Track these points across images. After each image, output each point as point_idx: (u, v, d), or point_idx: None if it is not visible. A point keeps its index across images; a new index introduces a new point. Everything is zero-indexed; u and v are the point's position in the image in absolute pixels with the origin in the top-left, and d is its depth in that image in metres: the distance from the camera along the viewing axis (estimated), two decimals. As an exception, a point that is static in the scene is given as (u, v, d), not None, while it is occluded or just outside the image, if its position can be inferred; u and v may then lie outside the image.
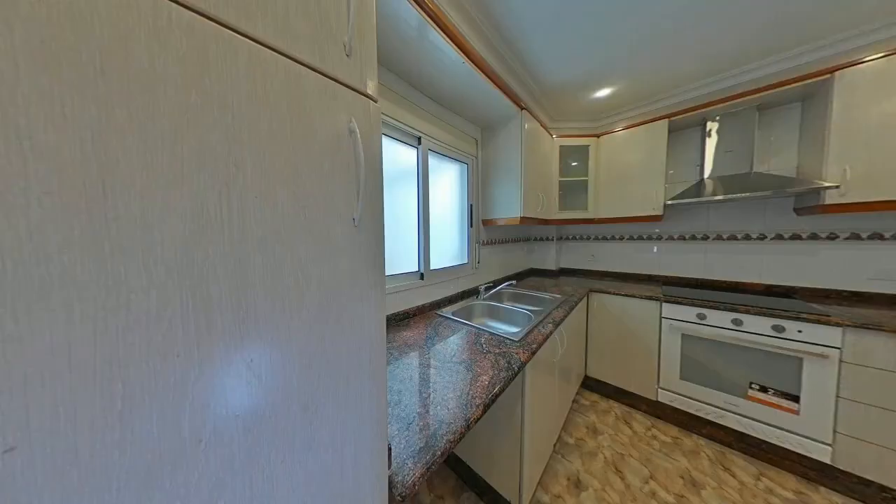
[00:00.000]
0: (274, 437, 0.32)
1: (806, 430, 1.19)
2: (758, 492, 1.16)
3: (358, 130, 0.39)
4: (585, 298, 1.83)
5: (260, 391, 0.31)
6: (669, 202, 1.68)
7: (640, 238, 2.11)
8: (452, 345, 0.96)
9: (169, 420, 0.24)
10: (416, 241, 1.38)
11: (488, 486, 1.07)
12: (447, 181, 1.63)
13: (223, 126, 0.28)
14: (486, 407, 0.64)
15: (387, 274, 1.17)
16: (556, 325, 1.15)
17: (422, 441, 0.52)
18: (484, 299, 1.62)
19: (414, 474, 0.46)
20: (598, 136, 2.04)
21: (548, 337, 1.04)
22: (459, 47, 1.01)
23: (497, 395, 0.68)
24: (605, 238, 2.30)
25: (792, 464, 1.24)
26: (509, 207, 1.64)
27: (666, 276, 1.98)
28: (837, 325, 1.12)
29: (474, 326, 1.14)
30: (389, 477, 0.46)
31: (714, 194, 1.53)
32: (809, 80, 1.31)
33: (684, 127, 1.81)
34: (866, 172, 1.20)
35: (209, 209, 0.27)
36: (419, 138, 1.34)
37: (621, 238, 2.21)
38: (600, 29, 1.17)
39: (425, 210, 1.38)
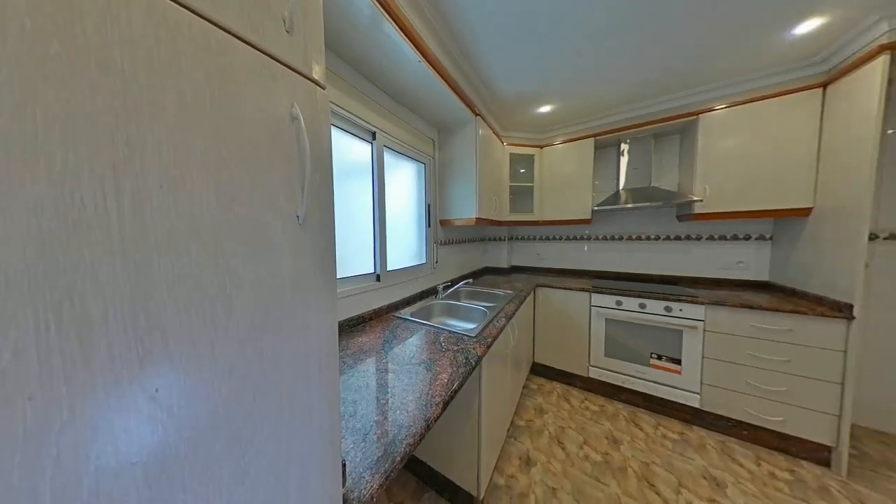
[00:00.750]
0: (192, 480, 0.26)
1: (685, 384, 1.56)
2: (657, 438, 1.47)
3: (302, 118, 0.35)
4: (533, 293, 2.03)
5: (170, 427, 0.25)
6: (596, 208, 2.01)
7: (575, 238, 2.44)
8: (411, 346, 0.95)
9: (17, 489, 0.18)
10: (372, 241, 1.32)
11: (448, 481, 1.09)
12: (404, 180, 1.60)
13: (107, 91, 0.21)
14: (446, 404, 0.65)
15: (339, 276, 1.10)
16: (509, 318, 1.25)
17: (380, 450, 0.50)
18: (442, 298, 1.64)
19: (372, 486, 0.44)
20: (541, 147, 2.29)
21: (501, 330, 1.11)
22: (415, 44, 1.00)
23: (456, 391, 0.70)
24: (548, 238, 2.58)
25: (677, 412, 1.61)
26: (465, 208, 1.71)
27: (595, 271, 2.34)
28: (702, 303, 1.50)
29: (433, 326, 1.14)
30: (344, 495, 0.42)
31: (626, 203, 1.88)
32: (684, 119, 1.73)
33: (606, 146, 2.17)
34: (718, 190, 1.63)
35: (83, 198, 0.20)
36: (374, 133, 1.28)
37: (561, 238, 2.51)
38: (542, 52, 1.31)
39: (381, 209, 1.32)
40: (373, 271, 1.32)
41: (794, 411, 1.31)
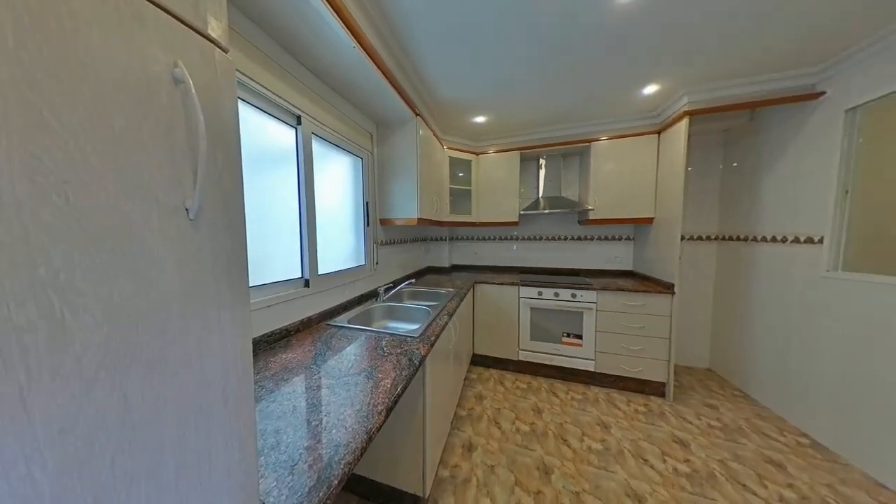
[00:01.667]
0: None
1: (585, 354, 1.98)
2: (568, 400, 1.81)
3: (191, 82, 0.27)
4: (472, 289, 2.17)
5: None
6: (522, 212, 2.34)
7: (506, 239, 2.74)
8: (349, 356, 0.87)
9: None
10: (299, 241, 1.14)
11: (393, 490, 1.05)
12: (339, 174, 1.45)
13: None
14: (390, 410, 0.62)
15: (254, 284, 0.91)
16: (451, 315, 1.30)
17: (312, 478, 0.44)
18: (384, 301, 1.57)
19: (302, 524, 0.38)
20: (477, 154, 2.47)
21: (444, 328, 1.15)
22: (347, 25, 0.92)
23: (400, 395, 0.68)
24: (484, 238, 2.81)
25: (580, 377, 2.02)
26: (407, 208, 1.68)
27: (521, 267, 2.69)
28: (594, 289, 1.93)
29: (374, 331, 1.08)
30: (264, 546, 0.35)
31: (544, 209, 2.24)
32: (581, 144, 2.18)
33: (529, 159, 2.52)
34: (603, 202, 2.13)
35: None
36: (299, 117, 1.11)
37: (494, 238, 2.78)
38: (475, 64, 1.41)
39: (310, 204, 1.16)
40: (300, 276, 1.15)
41: (646, 362, 1.84)
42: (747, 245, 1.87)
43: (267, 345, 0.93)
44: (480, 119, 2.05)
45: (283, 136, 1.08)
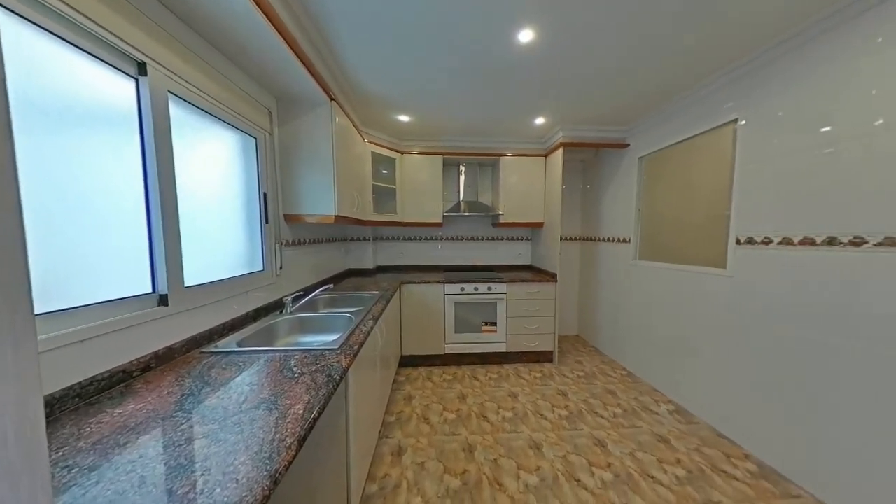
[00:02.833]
0: None
1: (498, 338, 2.30)
2: (486, 382, 2.06)
3: None
4: (398, 290, 2.13)
5: None
6: (445, 214, 2.49)
7: (432, 239, 2.84)
8: (241, 388, 0.69)
9: None
10: (147, 241, 0.81)
11: (309, 530, 0.91)
12: (221, 155, 1.11)
13: None
14: (303, 440, 0.53)
15: (53, 309, 0.58)
16: (376, 319, 1.23)
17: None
18: (293, 312, 1.32)
19: None
20: (401, 152, 2.44)
21: (369, 334, 1.08)
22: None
23: (316, 419, 0.59)
24: (410, 238, 2.81)
25: (496, 359, 2.34)
26: (322, 204, 1.48)
27: (446, 265, 2.85)
28: (505, 282, 2.28)
29: (279, 350, 0.90)
30: None
31: (464, 211, 2.46)
32: (493, 157, 2.52)
33: (451, 164, 2.70)
34: (509, 208, 2.53)
35: None
36: (142, 65, 0.78)
37: (420, 238, 2.83)
38: (398, 60, 1.40)
39: (166, 189, 0.84)
40: (151, 290, 0.81)
41: (540, 337, 2.32)
42: (595, 243, 2.66)
43: (84, 399, 0.61)
44: (405, 118, 2.04)
45: (113, 89, 0.73)
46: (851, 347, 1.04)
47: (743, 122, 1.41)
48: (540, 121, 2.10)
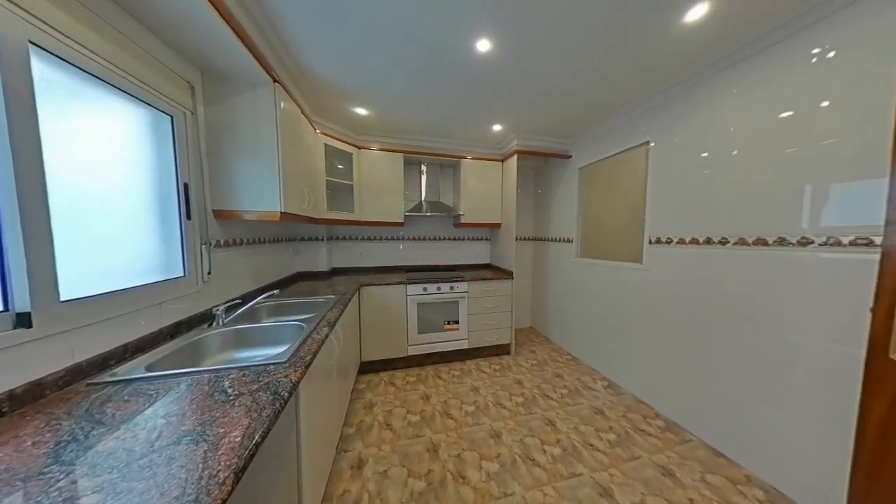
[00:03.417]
0: None
1: (461, 336, 2.36)
2: (450, 379, 2.09)
3: None
4: (357, 293, 2.01)
5: None
6: (407, 213, 2.45)
7: (393, 239, 2.75)
8: (151, 422, 0.56)
9: None
10: (-8, 241, 0.59)
11: (252, 573, 0.79)
12: (121, 133, 0.88)
13: None
14: (242, 470, 0.46)
15: None
16: (332, 326, 1.14)
17: None
18: (227, 324, 1.13)
19: None
20: (359, 147, 2.31)
21: (323, 342, 0.99)
22: None
23: (259, 444, 0.52)
24: (370, 238, 2.68)
25: (459, 356, 2.40)
26: (265, 199, 1.30)
27: (408, 266, 2.80)
28: (466, 281, 2.35)
29: (207, 371, 0.76)
30: None
31: (426, 211, 2.45)
32: (454, 159, 2.57)
33: (412, 163, 2.66)
34: (470, 209, 2.62)
35: None
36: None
37: (381, 238, 2.72)
38: (355, 49, 1.32)
39: (24, 172, 0.63)
40: (3, 308, 0.60)
41: (499, 332, 2.46)
42: (545, 243, 2.94)
43: None
44: (363, 111, 1.93)
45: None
46: (719, 320, 1.37)
47: (653, 144, 1.74)
48: (497, 128, 2.23)
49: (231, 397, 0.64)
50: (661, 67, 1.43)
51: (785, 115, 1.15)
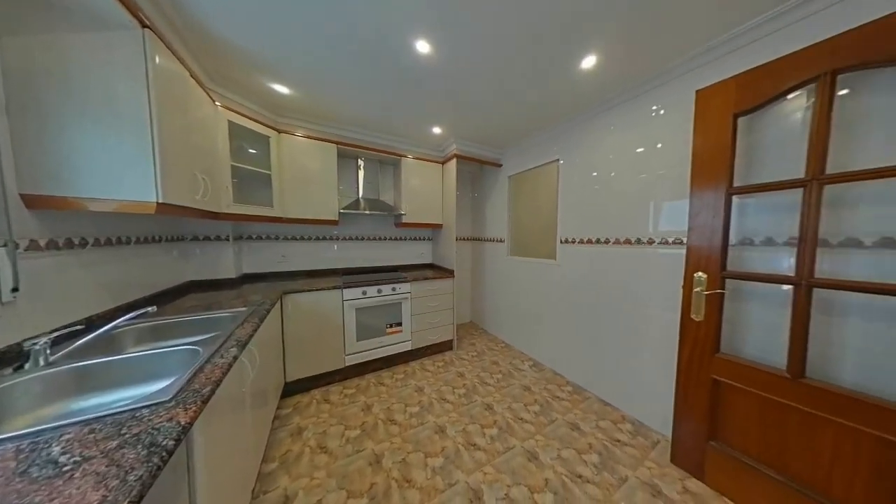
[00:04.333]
0: None
1: (404, 337, 2.31)
2: (393, 384, 2.02)
3: None
4: (279, 302, 1.71)
5: None
6: (342, 211, 2.23)
7: (325, 238, 2.46)
8: None
9: None
10: None
11: None
12: None
13: None
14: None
15: None
16: (243, 345, 0.93)
17: None
18: (52, 363, 0.77)
19: None
20: (279, 130, 1.97)
21: (230, 366, 0.80)
22: None
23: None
24: (295, 238, 2.32)
25: (402, 358, 2.34)
26: (128, 183, 0.95)
27: (345, 269, 2.56)
28: (409, 281, 2.31)
29: (10, 438, 0.50)
30: None
31: (365, 209, 2.29)
32: (394, 156, 2.49)
33: (348, 156, 2.44)
34: (411, 208, 2.59)
35: None
36: None
37: (309, 238, 2.39)
38: (273, 15, 1.12)
39: None
40: None
41: (442, 329, 2.53)
42: (482, 243, 3.19)
43: None
44: (282, 89, 1.65)
45: None
46: (607, 301, 1.80)
47: (562, 161, 2.12)
48: (437, 130, 2.28)
49: (66, 468, 0.44)
50: (568, 100, 1.76)
51: (639, 150, 1.59)
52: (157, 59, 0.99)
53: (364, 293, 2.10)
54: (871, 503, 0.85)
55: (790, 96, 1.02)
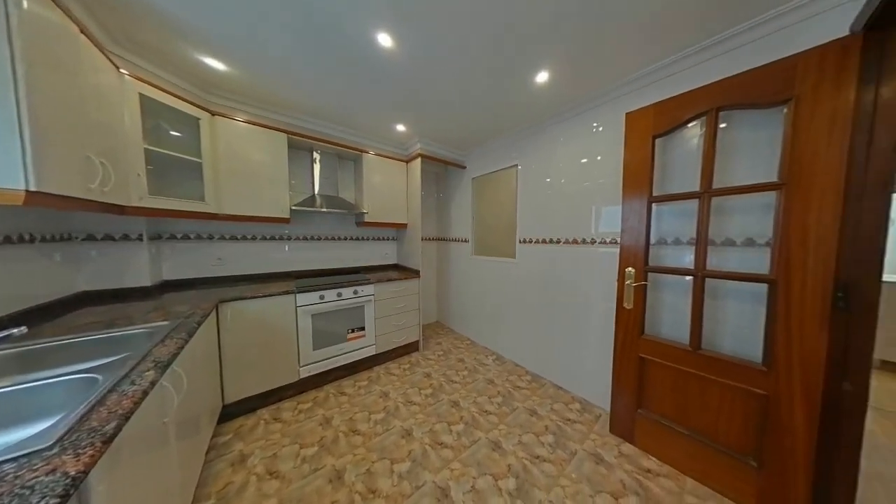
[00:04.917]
0: None
1: (367, 342, 2.20)
2: (356, 392, 1.91)
3: None
4: (214, 313, 1.47)
5: None
6: (294, 207, 2.02)
7: (274, 238, 2.20)
8: None
9: None
10: None
11: None
12: None
13: None
14: None
15: None
16: (165, 366, 0.78)
17: None
18: None
19: None
20: (212, 112, 1.69)
21: (146, 393, 0.66)
22: None
23: None
24: (234, 238, 2.02)
25: (365, 364, 2.23)
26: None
27: (298, 271, 2.32)
28: (372, 283, 2.21)
29: None
30: None
31: (321, 207, 2.11)
32: (355, 152, 2.36)
33: (301, 148, 2.22)
34: (374, 207, 2.48)
35: None
36: None
37: (254, 238, 2.11)
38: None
39: None
40: None
41: (407, 331, 2.48)
42: (447, 243, 3.23)
43: None
44: (216, 63, 1.42)
45: None
46: (558, 296, 1.99)
47: (520, 166, 2.27)
48: (401, 128, 2.22)
49: None
50: (525, 110, 1.89)
51: (583, 160, 1.80)
52: (26, 4, 0.76)
53: (322, 297, 1.93)
54: (742, 442, 1.11)
55: (690, 125, 1.27)
